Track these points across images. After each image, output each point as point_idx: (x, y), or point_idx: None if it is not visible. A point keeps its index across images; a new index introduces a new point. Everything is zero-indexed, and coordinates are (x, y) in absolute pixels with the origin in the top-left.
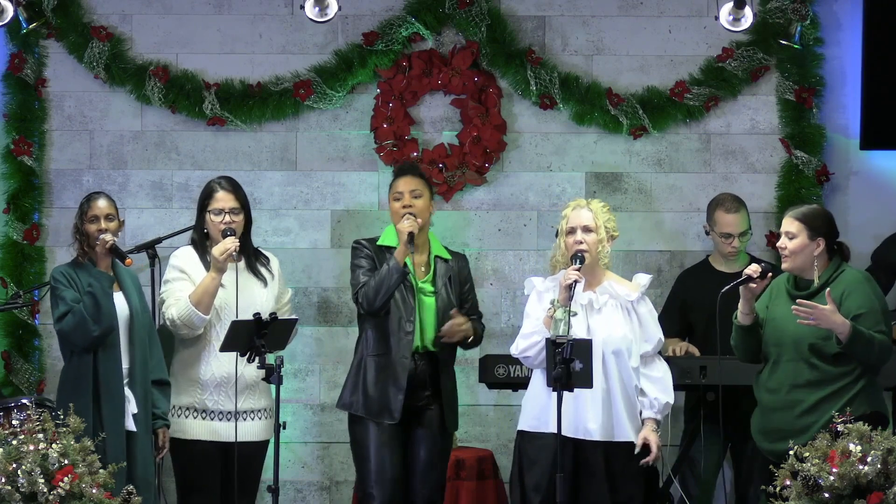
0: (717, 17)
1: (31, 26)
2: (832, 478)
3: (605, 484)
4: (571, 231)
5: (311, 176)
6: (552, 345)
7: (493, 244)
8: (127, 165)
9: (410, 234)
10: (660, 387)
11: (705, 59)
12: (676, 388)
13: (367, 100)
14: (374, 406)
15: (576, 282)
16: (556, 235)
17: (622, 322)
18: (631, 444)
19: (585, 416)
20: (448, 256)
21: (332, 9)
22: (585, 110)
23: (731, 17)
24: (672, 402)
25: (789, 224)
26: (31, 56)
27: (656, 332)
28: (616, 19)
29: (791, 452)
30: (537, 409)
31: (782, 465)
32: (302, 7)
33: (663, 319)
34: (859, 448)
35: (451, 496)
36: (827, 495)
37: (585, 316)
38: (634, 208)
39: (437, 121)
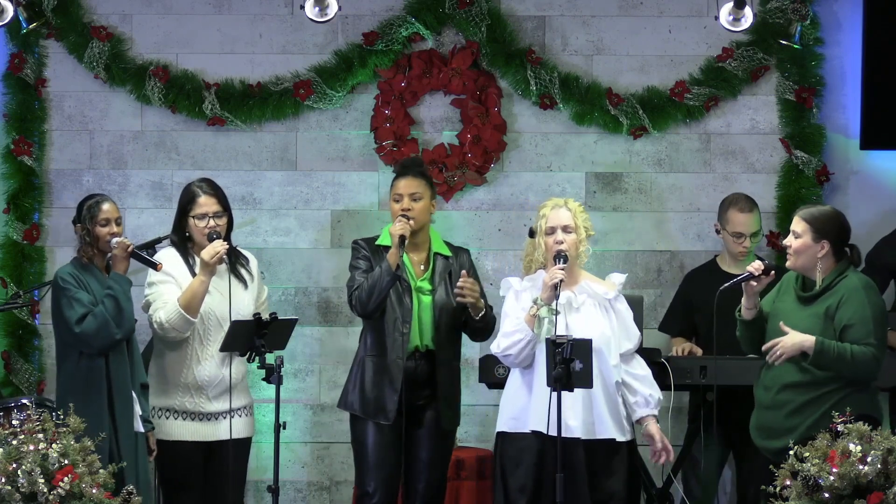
0: (717, 17)
1: (31, 26)
2: (832, 478)
3: (586, 481)
4: (551, 231)
5: (311, 176)
6: (552, 345)
7: (493, 244)
8: (127, 165)
9: (402, 238)
10: (648, 383)
11: (705, 59)
12: (676, 387)
13: (367, 100)
14: (371, 406)
15: (561, 281)
16: (531, 235)
17: (601, 320)
18: (612, 442)
19: (566, 414)
20: (448, 253)
21: (332, 9)
22: (585, 110)
23: (731, 17)
24: (661, 397)
25: (796, 223)
26: (31, 56)
27: (636, 330)
28: (616, 19)
29: (791, 452)
30: (516, 409)
31: (782, 465)
32: (302, 7)
33: (668, 318)
34: (859, 448)
35: (451, 496)
36: (827, 495)
37: (564, 315)
38: (634, 208)
39: (437, 121)
